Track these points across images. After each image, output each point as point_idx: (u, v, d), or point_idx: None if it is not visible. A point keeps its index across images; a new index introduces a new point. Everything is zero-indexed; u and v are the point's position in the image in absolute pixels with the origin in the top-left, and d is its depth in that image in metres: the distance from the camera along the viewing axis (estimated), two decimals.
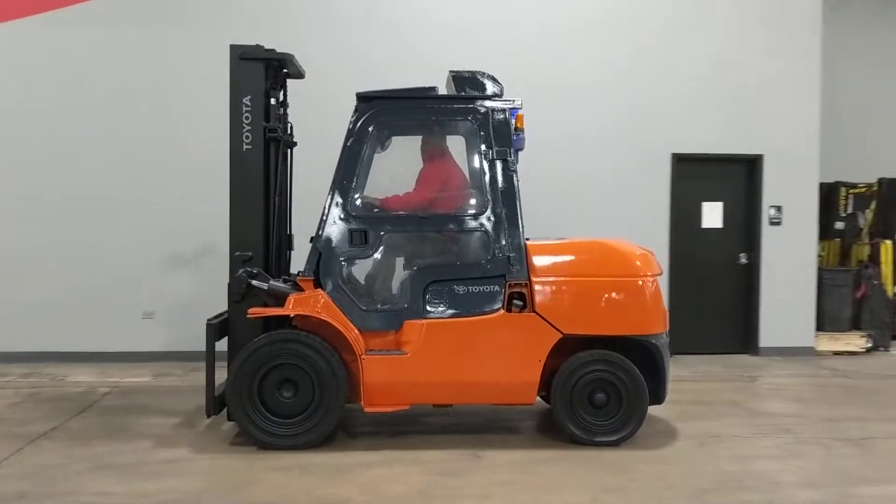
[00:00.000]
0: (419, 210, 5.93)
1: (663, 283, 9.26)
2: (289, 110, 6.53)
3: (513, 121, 5.86)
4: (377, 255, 5.91)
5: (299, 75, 6.37)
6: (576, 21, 9.29)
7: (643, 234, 9.26)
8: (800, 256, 9.60)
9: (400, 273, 6.04)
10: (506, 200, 5.78)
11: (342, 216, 5.74)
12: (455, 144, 6.27)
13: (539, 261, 5.78)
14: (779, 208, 9.52)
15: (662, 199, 9.39)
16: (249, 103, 5.87)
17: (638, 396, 5.74)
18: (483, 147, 5.81)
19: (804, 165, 9.55)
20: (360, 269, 6.03)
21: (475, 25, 9.10)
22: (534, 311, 5.70)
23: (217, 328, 5.80)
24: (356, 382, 5.63)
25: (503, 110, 5.87)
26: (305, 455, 5.46)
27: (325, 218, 5.74)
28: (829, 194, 12.20)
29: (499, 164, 5.79)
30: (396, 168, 6.26)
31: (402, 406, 5.72)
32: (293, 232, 6.65)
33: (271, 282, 5.83)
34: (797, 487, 4.90)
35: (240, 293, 5.81)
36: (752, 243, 9.63)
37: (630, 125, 9.34)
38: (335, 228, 5.73)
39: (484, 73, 5.99)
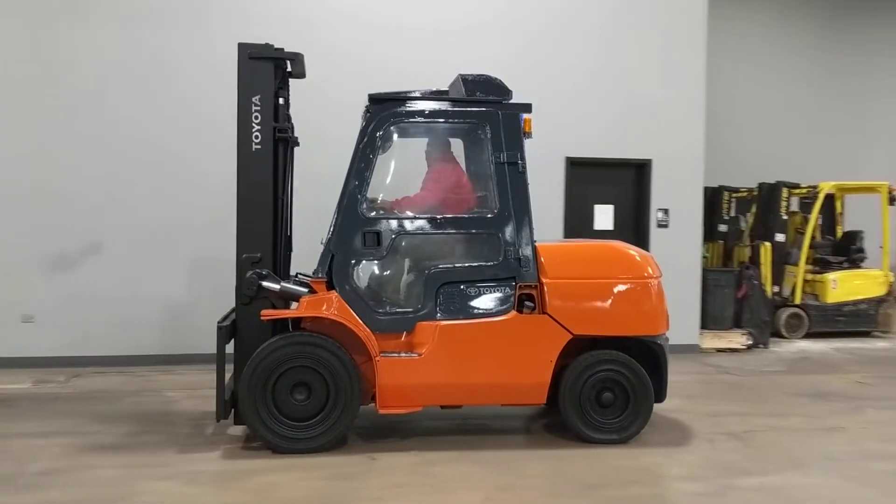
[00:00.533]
0: (430, 211, 5.86)
1: None
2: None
3: (521, 124, 5.89)
4: (390, 257, 5.86)
5: (301, 75, 6.05)
6: (467, 22, 9.32)
7: (538, 236, 9.45)
8: (686, 258, 9.94)
9: (412, 275, 5.95)
10: (516, 203, 5.82)
11: (353, 219, 5.66)
12: (462, 147, 6.33)
13: (549, 263, 5.84)
14: (666, 211, 9.84)
15: (557, 202, 9.57)
16: (259, 103, 5.75)
17: (645, 395, 5.87)
18: (494, 150, 5.83)
19: (690, 170, 9.90)
20: (373, 271, 5.97)
21: (367, 19, 9.08)
22: (545, 313, 5.74)
23: (228, 331, 5.59)
24: (368, 384, 5.61)
25: (514, 114, 5.91)
26: (194, 461, 5.30)
27: (337, 219, 5.67)
28: (713, 198, 12.74)
29: (509, 168, 5.83)
30: (397, 170, 6.12)
31: (415, 408, 5.70)
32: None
33: (283, 283, 5.71)
34: (681, 480, 5.08)
35: (250, 295, 5.68)
36: (641, 245, 9.87)
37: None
38: (346, 231, 5.66)
39: (494, 77, 6.02)
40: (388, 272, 6.00)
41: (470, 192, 6.12)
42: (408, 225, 5.80)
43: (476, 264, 5.79)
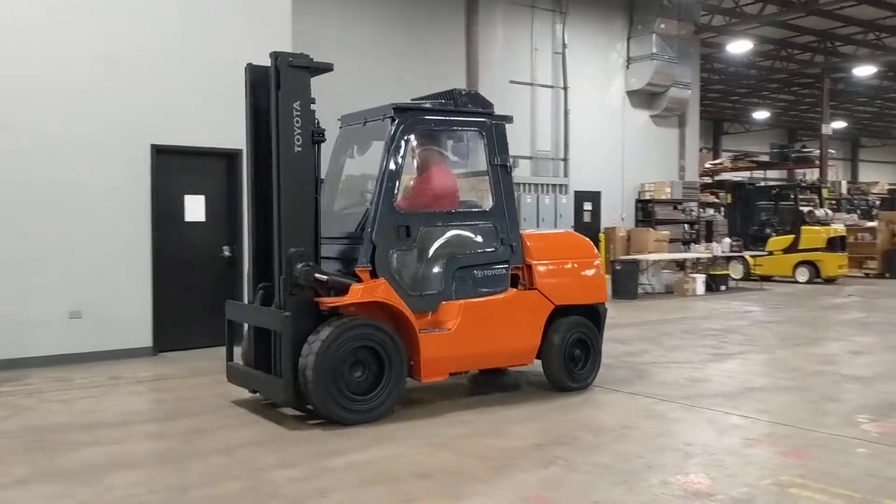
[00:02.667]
0: (432, 205, 6.77)
1: (148, 278, 9.05)
2: None
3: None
4: (418, 247, 6.59)
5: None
6: (34, 11, 8.50)
7: (122, 229, 8.88)
8: None
9: (434, 261, 6.68)
10: (507, 199, 6.99)
11: (389, 213, 6.37)
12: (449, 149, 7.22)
13: (535, 248, 7.13)
14: None
15: (143, 192, 9.06)
16: (299, 108, 6.20)
17: (598, 350, 7.41)
18: (489, 154, 6.95)
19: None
20: (406, 260, 6.55)
21: None
22: (534, 288, 7.03)
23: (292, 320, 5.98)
24: (410, 359, 6.35)
25: (502, 123, 7.07)
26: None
27: (374, 216, 6.30)
28: None
29: (501, 169, 6.97)
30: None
31: (444, 377, 6.69)
32: None
33: (330, 275, 6.21)
34: (277, 469, 5.11)
35: (305, 285, 6.06)
36: (234, 236, 9.81)
37: (107, 117, 8.83)
38: (384, 225, 6.35)
39: (480, 93, 7.27)
40: (417, 260, 6.65)
41: (458, 189, 7.08)
42: (430, 219, 6.68)
43: (480, 251, 6.86)
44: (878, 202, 31.05)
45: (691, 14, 20.45)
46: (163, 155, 9.21)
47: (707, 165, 27.18)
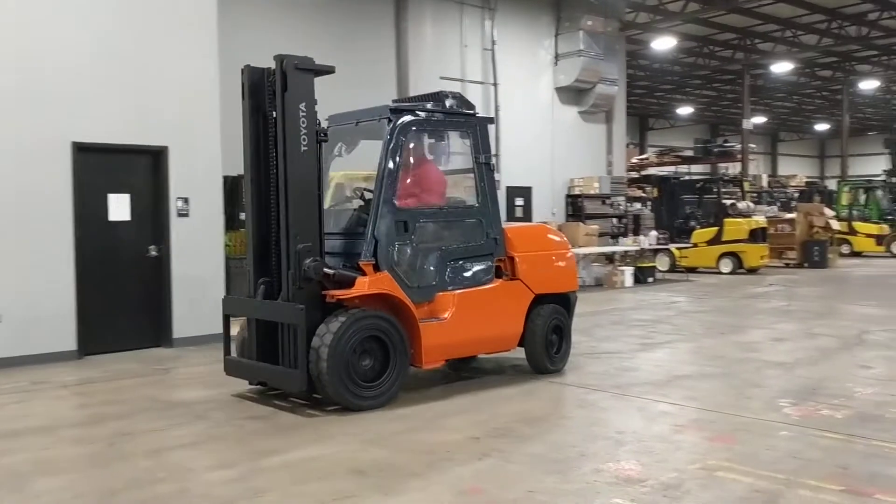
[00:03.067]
0: (430, 202, 7.13)
1: (71, 280, 8.78)
2: None
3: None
4: (415, 241, 6.88)
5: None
6: None
7: (43, 229, 8.60)
8: (208, 246, 9.90)
9: (430, 255, 7.01)
10: (491, 195, 7.39)
11: (389, 210, 6.67)
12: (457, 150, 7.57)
13: (516, 241, 7.56)
14: (186, 200, 9.66)
15: (63, 190, 8.79)
16: (305, 109, 6.44)
17: (569, 335, 7.95)
18: (474, 152, 7.33)
19: (208, 158, 9.85)
20: (404, 253, 6.85)
21: None
22: (517, 279, 7.48)
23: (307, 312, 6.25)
24: (411, 347, 6.65)
25: (485, 124, 7.55)
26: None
27: (377, 212, 6.59)
28: (233, 187, 12.85)
29: (485, 166, 7.36)
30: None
31: (441, 363, 7.08)
32: None
33: (336, 269, 6.54)
34: (209, 471, 5.04)
35: (314, 279, 6.35)
36: (161, 235, 9.60)
37: (24, 115, 8.54)
38: (385, 220, 6.64)
39: (462, 95, 7.56)
40: (415, 254, 6.93)
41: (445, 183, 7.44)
42: (425, 214, 7.00)
43: (469, 244, 7.22)
44: (796, 194, 32.12)
45: (617, 11, 20.77)
46: (84, 153, 8.94)
47: (634, 160, 27.67)
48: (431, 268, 7.02)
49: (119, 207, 9.34)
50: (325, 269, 6.44)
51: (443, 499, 4.48)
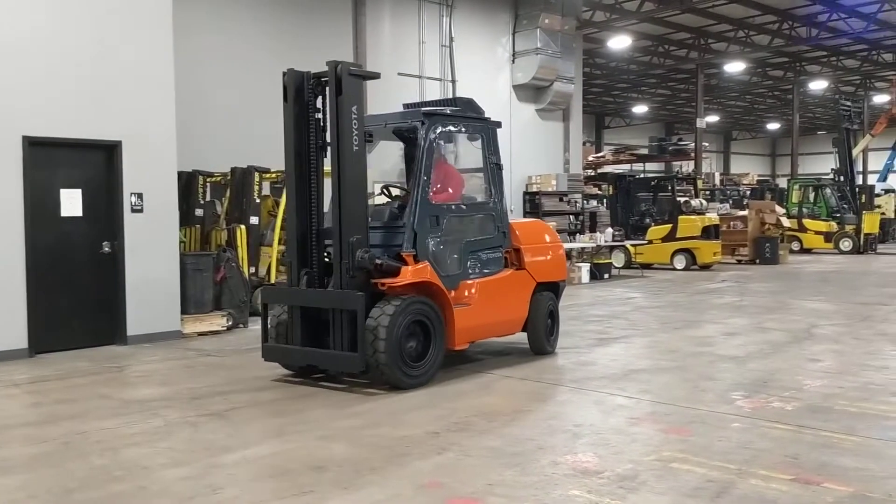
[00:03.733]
0: (453, 199, 7.86)
1: (21, 277, 8.60)
2: None
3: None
4: (444, 234, 7.49)
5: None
6: None
7: None
8: (163, 243, 9.77)
9: (455, 246, 7.63)
10: (500, 192, 8.17)
11: (426, 205, 7.29)
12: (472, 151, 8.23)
13: (521, 234, 8.35)
14: (140, 196, 9.52)
15: (14, 186, 8.60)
16: (356, 112, 6.92)
17: (558, 319, 8.74)
18: (486, 153, 8.09)
19: (162, 153, 9.72)
20: (436, 245, 7.45)
21: None
22: (523, 268, 8.25)
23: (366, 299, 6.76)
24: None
25: (495, 127, 8.25)
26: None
27: (414, 207, 7.19)
28: (188, 182, 12.73)
29: (496, 166, 8.14)
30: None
31: (467, 345, 7.76)
32: None
33: (383, 259, 7.01)
34: (166, 468, 4.98)
35: (368, 268, 6.87)
36: (115, 231, 9.44)
37: None
38: (422, 215, 7.24)
39: (473, 100, 8.20)
40: (444, 245, 7.52)
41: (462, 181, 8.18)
42: (452, 210, 7.70)
43: (485, 237, 7.94)
44: (748, 192, 32.70)
45: (574, 9, 20.94)
46: (36, 147, 8.76)
47: (590, 158, 27.93)
48: (456, 258, 7.66)
49: (71, 203, 9.16)
50: (377, 260, 6.92)
51: (402, 493, 4.50)
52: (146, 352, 9.04)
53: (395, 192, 8.06)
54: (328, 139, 7.19)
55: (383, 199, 8.27)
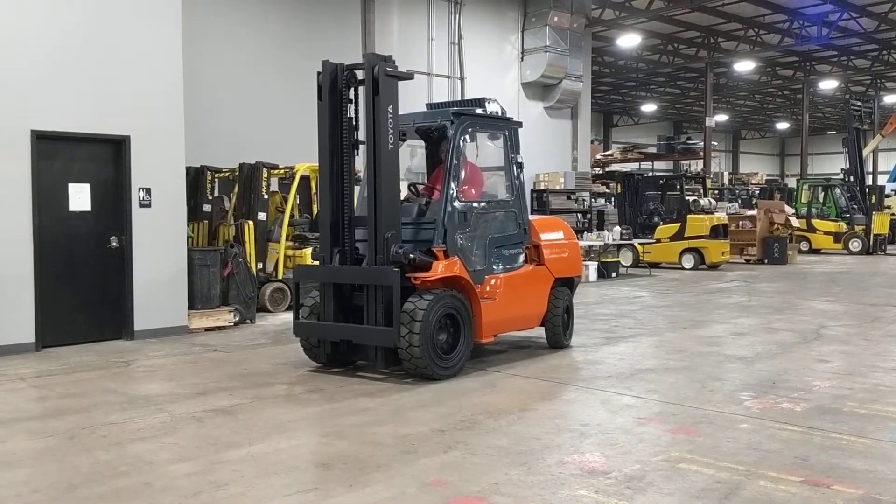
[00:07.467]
0: (476, 196, 8.01)
1: (29, 271, 8.61)
2: None
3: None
4: (471, 230, 7.68)
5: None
6: None
7: (1, 219, 8.43)
8: (170, 238, 9.77)
9: (480, 242, 7.82)
10: (521, 190, 8.32)
11: (454, 202, 7.50)
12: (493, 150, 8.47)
13: (540, 230, 8.55)
14: (148, 191, 9.52)
15: (23, 180, 8.61)
16: (391, 111, 7.11)
17: (573, 314, 8.97)
18: (508, 152, 8.31)
19: (171, 149, 9.72)
20: (463, 241, 7.63)
21: None
22: (542, 264, 8.43)
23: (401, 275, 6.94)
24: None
25: (517, 127, 8.45)
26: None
27: (445, 205, 7.39)
28: (196, 178, 12.72)
29: (517, 165, 8.33)
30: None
31: (492, 339, 7.89)
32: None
33: (416, 254, 7.17)
34: (171, 463, 4.97)
35: (404, 262, 7.02)
36: (122, 226, 9.44)
37: None
38: (452, 211, 7.45)
39: (497, 101, 8.41)
40: (471, 241, 7.73)
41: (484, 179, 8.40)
42: (477, 206, 7.85)
43: (507, 233, 8.13)
44: (757, 192, 32.60)
45: (583, 7, 20.88)
46: (45, 141, 8.76)
47: (598, 156, 27.89)
48: (482, 253, 7.85)
49: (79, 197, 9.17)
50: (410, 255, 7.08)
51: (408, 491, 4.47)
52: (153, 347, 9.05)
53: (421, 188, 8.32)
54: (360, 137, 7.47)
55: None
